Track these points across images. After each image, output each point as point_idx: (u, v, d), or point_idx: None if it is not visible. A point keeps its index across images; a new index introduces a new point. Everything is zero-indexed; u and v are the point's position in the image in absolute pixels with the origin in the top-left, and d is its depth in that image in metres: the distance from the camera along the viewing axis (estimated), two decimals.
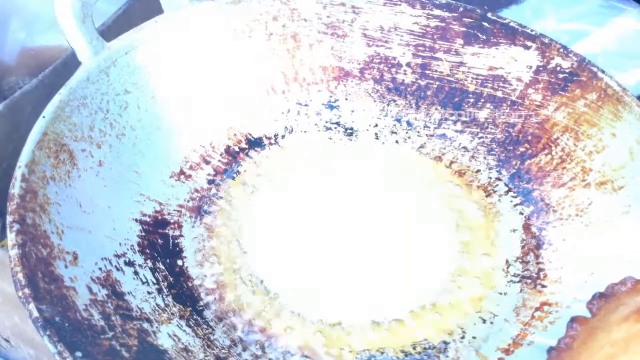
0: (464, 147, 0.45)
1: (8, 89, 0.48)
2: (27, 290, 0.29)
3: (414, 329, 0.35)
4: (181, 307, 0.35)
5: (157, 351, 0.31)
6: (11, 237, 0.30)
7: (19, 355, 0.42)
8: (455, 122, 0.46)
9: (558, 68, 0.44)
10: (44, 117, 0.36)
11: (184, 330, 0.33)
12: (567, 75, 0.43)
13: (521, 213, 0.41)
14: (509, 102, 0.45)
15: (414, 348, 0.35)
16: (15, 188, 0.32)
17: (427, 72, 0.47)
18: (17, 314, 0.39)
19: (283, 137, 0.45)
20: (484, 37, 0.46)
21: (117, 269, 0.34)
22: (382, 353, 0.34)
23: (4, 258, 0.35)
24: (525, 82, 0.45)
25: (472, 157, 0.45)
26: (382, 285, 0.37)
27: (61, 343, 0.27)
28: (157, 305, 0.34)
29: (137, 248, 0.36)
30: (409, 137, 0.46)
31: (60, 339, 0.27)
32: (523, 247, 0.39)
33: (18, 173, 0.33)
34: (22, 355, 0.42)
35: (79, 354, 0.27)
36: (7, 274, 0.36)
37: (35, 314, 0.28)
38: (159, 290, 0.35)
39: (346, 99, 0.47)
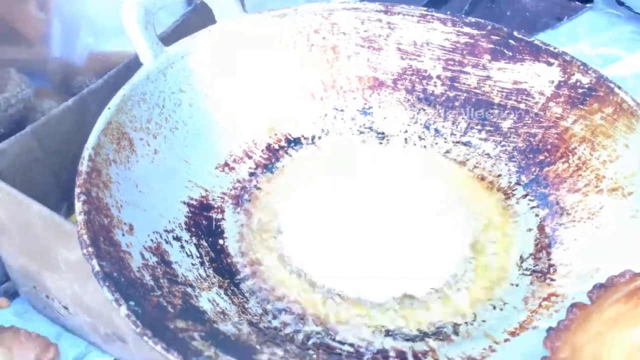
0: (487, 154, 0.48)
1: (77, 87, 0.53)
2: (90, 249, 0.33)
3: (429, 311, 0.39)
4: (220, 278, 0.39)
5: (197, 311, 0.36)
6: (78, 206, 0.35)
7: (75, 322, 0.47)
8: (480, 131, 0.49)
9: (578, 83, 0.47)
10: (109, 108, 0.41)
11: (222, 298, 0.38)
12: (586, 90, 0.46)
13: (537, 215, 0.44)
14: (531, 114, 0.48)
15: (428, 327, 0.38)
16: (83, 166, 0.37)
17: (456, 84, 0.50)
18: (77, 283, 0.43)
19: (320, 138, 0.49)
20: (510, 53, 0.49)
21: (166, 242, 0.39)
22: (399, 329, 0.38)
23: (71, 230, 0.40)
24: (547, 95, 0.48)
25: (494, 163, 0.48)
26: (402, 268, 0.40)
27: (118, 293, 0.32)
28: (200, 275, 0.38)
29: (184, 226, 0.41)
30: (436, 143, 0.49)
31: (117, 289, 0.32)
32: (536, 245, 0.43)
33: (86, 154, 0.38)
34: (78, 322, 0.47)
35: (132, 302, 0.32)
36: (72, 245, 0.41)
37: (97, 268, 0.33)
38: (202, 263, 0.39)
39: (379, 107, 0.51)
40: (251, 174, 0.46)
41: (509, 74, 0.49)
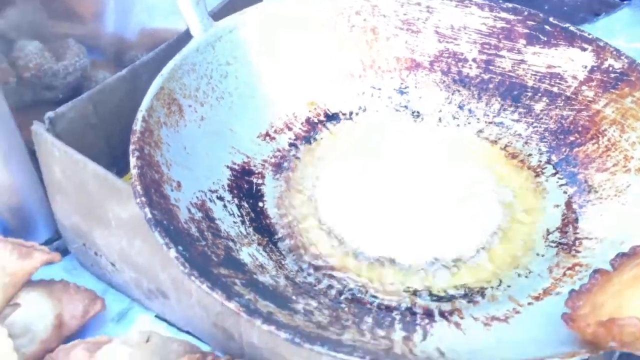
0: (519, 134, 0.50)
1: (129, 61, 0.56)
2: (143, 198, 0.36)
3: (456, 275, 0.41)
4: (259, 237, 0.41)
5: (238, 263, 0.38)
6: (133, 161, 0.38)
7: (121, 278, 0.50)
8: (512, 112, 0.51)
9: (610, 68, 0.48)
10: (161, 75, 0.44)
11: (261, 254, 0.40)
12: (618, 75, 0.48)
13: (565, 192, 0.46)
14: (563, 97, 0.50)
15: (456, 289, 0.40)
16: (137, 126, 0.40)
17: (491, 67, 0.52)
18: (125, 239, 0.46)
19: (357, 114, 0.51)
20: (545, 38, 0.51)
21: (210, 201, 0.41)
22: (427, 290, 0.40)
23: (123, 188, 0.43)
24: (580, 79, 0.49)
25: (526, 142, 0.49)
26: (433, 235, 0.42)
27: (167, 238, 0.34)
28: (240, 232, 0.41)
29: (227, 188, 0.43)
30: (469, 123, 0.51)
31: (166, 235, 0.35)
32: (563, 219, 0.44)
33: (140, 115, 0.41)
34: (124, 278, 0.50)
35: (180, 247, 0.34)
36: (123, 200, 0.44)
37: (149, 215, 0.35)
38: (242, 222, 0.42)
39: (415, 87, 0.53)
40: (291, 145, 0.49)
41: (543, 59, 0.51)
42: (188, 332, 0.49)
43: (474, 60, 0.52)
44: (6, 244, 0.47)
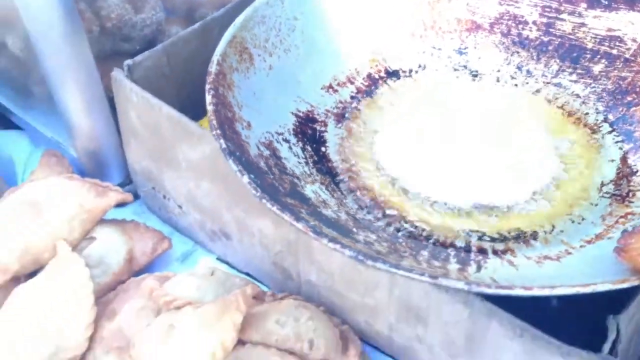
0: (576, 94, 0.51)
1: (199, 18, 0.59)
2: (218, 131, 0.39)
3: (511, 219, 0.42)
4: (322, 177, 0.44)
5: (303, 197, 0.41)
6: (208, 98, 0.41)
7: (186, 221, 0.53)
8: (571, 74, 0.52)
9: None
10: (234, 25, 0.47)
11: (323, 192, 0.42)
12: None
13: (620, 148, 0.47)
14: (622, 59, 0.50)
15: (509, 232, 0.41)
16: (212, 68, 0.43)
17: (551, 30, 0.53)
18: (194, 181, 0.49)
19: (416, 72, 0.53)
20: (606, 2, 0.52)
21: (277, 142, 0.44)
22: (481, 231, 0.41)
23: (194, 129, 0.45)
24: (639, 42, 0.50)
25: (583, 102, 0.50)
26: (490, 181, 0.44)
27: (241, 166, 0.37)
28: (305, 171, 0.43)
29: (292, 132, 0.46)
30: (527, 83, 0.52)
31: (240, 162, 0.37)
32: (618, 173, 0.45)
33: (214, 59, 0.44)
34: (189, 221, 0.53)
35: (252, 175, 0.37)
36: (193, 143, 0.46)
37: (224, 145, 0.38)
38: (306, 163, 0.44)
39: (475, 48, 0.54)
40: (352, 97, 0.51)
41: (603, 22, 0.52)
42: (247, 274, 0.51)
43: (534, 22, 0.53)
44: (84, 183, 0.51)
